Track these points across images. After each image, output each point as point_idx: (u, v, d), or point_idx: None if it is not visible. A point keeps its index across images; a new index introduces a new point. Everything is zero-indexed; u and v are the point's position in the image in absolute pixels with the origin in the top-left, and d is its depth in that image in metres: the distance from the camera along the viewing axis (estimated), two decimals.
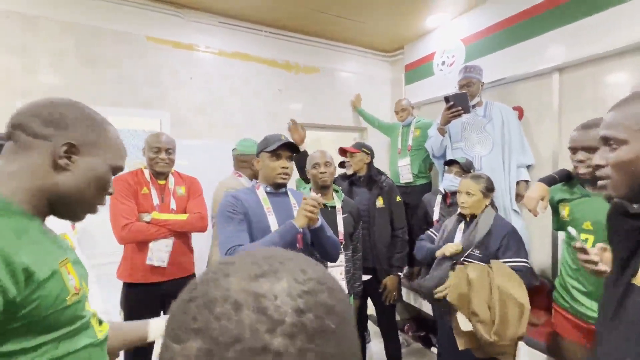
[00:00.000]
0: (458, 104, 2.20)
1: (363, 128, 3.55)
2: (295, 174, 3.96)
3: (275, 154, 1.34)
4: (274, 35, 3.02)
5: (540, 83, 2.34)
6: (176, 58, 2.61)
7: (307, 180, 3.78)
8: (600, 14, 1.97)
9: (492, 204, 1.76)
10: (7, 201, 0.61)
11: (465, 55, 2.81)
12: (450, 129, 2.45)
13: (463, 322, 1.45)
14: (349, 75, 3.44)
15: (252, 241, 1.28)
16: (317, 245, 1.45)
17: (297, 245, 1.38)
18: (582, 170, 1.34)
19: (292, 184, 3.72)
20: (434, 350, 2.51)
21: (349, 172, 2.28)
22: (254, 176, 2.09)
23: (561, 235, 2.09)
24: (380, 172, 2.27)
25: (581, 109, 2.13)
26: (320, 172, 1.77)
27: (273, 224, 1.34)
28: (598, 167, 0.73)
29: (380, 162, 2.82)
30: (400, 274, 2.14)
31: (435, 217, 2.14)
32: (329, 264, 1.67)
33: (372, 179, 2.17)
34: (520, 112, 2.44)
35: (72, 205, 0.68)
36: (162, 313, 1.81)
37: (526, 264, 1.58)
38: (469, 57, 2.77)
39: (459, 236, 1.71)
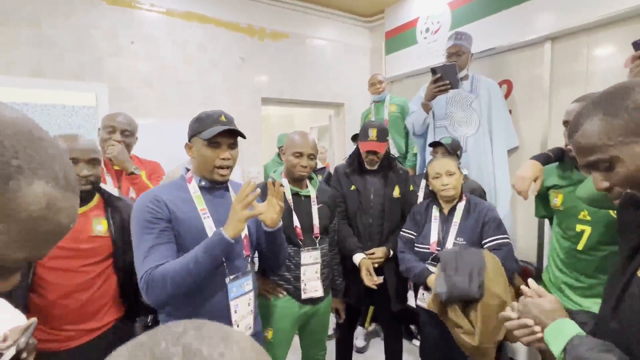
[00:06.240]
0: (445, 77, 1.87)
1: (339, 104, 3.25)
2: (261, 157, 3.18)
3: (213, 141, 1.05)
4: None
5: (531, 54, 2.12)
6: (112, 18, 2.16)
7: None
8: None
9: (479, 192, 1.58)
10: None
11: (451, 21, 2.53)
12: (433, 104, 2.20)
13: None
14: (323, 42, 3.07)
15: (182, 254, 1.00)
16: (269, 252, 1.21)
17: (244, 252, 1.13)
18: None
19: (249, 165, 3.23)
20: (416, 342, 2.40)
21: (373, 167, 1.81)
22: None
23: (546, 222, 1.96)
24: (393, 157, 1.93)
25: (573, 84, 1.94)
26: (301, 166, 1.45)
27: (210, 230, 1.05)
28: None
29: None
30: None
31: (420, 200, 1.92)
32: (303, 260, 1.46)
33: (390, 165, 1.83)
34: (509, 86, 2.23)
35: None
36: None
37: (508, 239, 1.44)
38: (455, 24, 2.49)
39: (435, 227, 1.55)
